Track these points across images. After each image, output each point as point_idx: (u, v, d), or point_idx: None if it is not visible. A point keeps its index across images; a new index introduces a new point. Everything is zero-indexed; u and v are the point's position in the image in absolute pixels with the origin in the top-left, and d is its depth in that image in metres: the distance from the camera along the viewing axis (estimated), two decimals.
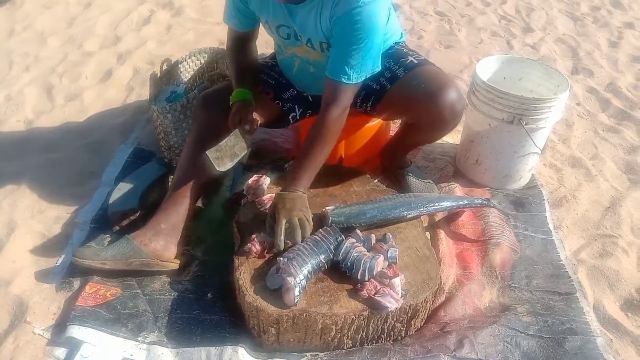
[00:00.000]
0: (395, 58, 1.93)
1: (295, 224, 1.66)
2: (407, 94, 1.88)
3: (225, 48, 2.04)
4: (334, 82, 1.73)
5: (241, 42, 1.99)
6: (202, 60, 2.58)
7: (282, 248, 1.65)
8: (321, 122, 1.76)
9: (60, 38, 3.47)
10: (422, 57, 1.99)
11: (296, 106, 2.06)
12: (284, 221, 1.66)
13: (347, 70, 1.70)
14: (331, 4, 1.66)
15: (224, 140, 1.77)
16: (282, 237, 1.65)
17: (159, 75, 2.38)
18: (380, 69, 1.78)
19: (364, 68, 1.72)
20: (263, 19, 1.86)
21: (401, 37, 2.06)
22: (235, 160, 1.78)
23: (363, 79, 1.75)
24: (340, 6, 1.64)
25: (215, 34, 3.62)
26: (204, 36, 3.61)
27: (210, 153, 1.74)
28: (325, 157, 1.81)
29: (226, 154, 1.76)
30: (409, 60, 1.95)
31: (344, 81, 1.71)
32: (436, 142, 2.54)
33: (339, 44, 1.71)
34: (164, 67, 2.42)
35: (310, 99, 2.08)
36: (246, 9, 1.86)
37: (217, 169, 1.75)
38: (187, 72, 2.53)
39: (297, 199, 1.72)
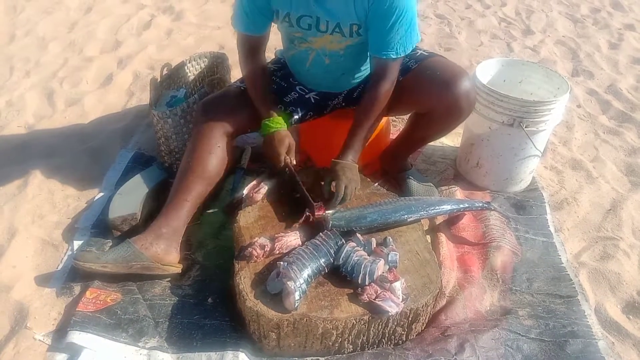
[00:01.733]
0: None
1: (348, 194, 1.83)
2: (421, 84, 1.91)
3: (240, 62, 1.99)
4: (382, 59, 1.82)
5: (255, 51, 1.97)
6: (203, 65, 2.58)
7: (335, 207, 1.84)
8: (373, 96, 1.87)
9: (61, 43, 3.48)
10: (430, 51, 2.03)
11: (298, 109, 2.06)
12: (343, 187, 1.82)
13: (393, 46, 1.78)
14: None
15: (300, 184, 1.87)
16: (338, 201, 1.83)
17: (159, 80, 2.38)
18: (419, 39, 1.86)
19: (409, 40, 1.80)
20: (283, 12, 1.85)
21: None
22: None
23: (409, 50, 1.82)
24: None
25: (216, 39, 3.63)
26: (204, 41, 3.62)
27: (303, 196, 1.84)
28: (375, 127, 1.96)
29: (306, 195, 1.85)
30: (418, 53, 1.99)
31: (392, 57, 1.79)
32: (436, 145, 2.56)
33: (379, 22, 1.76)
34: (164, 71, 2.42)
35: (313, 101, 2.08)
36: (265, 5, 1.85)
37: (314, 211, 1.81)
38: (187, 76, 2.54)
39: (353, 169, 1.88)
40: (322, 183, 1.92)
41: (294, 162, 1.87)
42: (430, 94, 1.89)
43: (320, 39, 1.88)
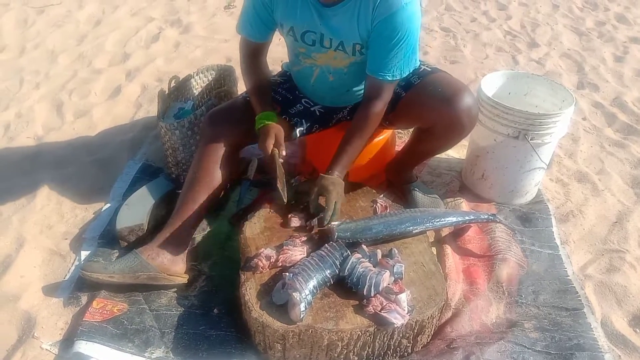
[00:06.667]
0: None
1: (337, 210, 1.83)
2: (423, 100, 1.91)
3: (240, 64, 2.05)
4: (377, 80, 1.82)
5: (255, 55, 2.00)
6: (210, 78, 2.60)
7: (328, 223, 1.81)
8: (364, 115, 1.87)
9: (70, 56, 3.52)
10: (434, 66, 2.04)
11: (303, 120, 2.08)
12: (334, 202, 1.82)
13: (390, 68, 1.78)
14: (371, 7, 1.71)
15: (278, 172, 1.83)
16: (334, 215, 1.82)
17: (167, 92, 2.41)
18: (419, 64, 1.86)
19: (407, 64, 1.80)
20: (287, 26, 1.87)
21: None
22: (287, 188, 1.85)
23: (405, 75, 1.83)
24: (382, 9, 1.69)
25: (223, 51, 3.66)
26: (211, 53, 3.65)
27: (279, 185, 1.81)
28: (363, 146, 1.94)
29: (284, 185, 1.83)
30: (422, 69, 1.99)
31: (388, 79, 1.80)
32: (442, 157, 2.56)
33: (380, 44, 1.77)
34: (172, 84, 2.45)
35: (318, 114, 2.10)
36: (269, 17, 1.87)
37: (285, 201, 1.82)
38: (194, 89, 2.56)
39: (340, 185, 1.87)
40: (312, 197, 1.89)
41: (283, 154, 1.84)
42: (432, 110, 1.90)
43: (324, 55, 1.90)
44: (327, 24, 1.79)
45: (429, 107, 1.90)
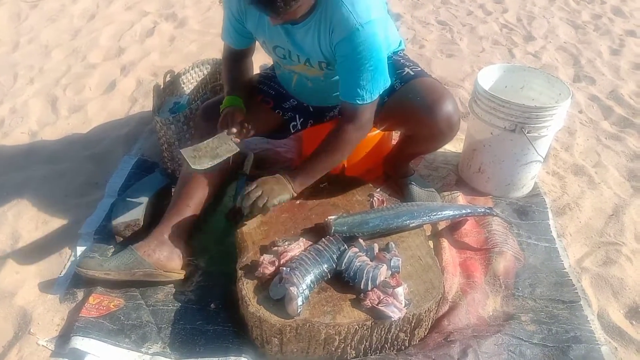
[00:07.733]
0: (392, 70, 1.94)
1: (256, 202, 1.72)
2: (403, 107, 1.90)
3: (222, 64, 2.07)
4: (349, 104, 1.76)
5: (236, 59, 2.01)
6: (205, 72, 2.59)
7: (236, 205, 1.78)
8: (336, 135, 1.80)
9: (64, 50, 3.50)
10: (419, 69, 2.00)
11: (297, 115, 2.07)
12: (254, 186, 1.75)
13: (359, 91, 1.72)
14: (328, 30, 1.67)
15: (205, 142, 1.78)
16: (240, 200, 1.75)
17: (162, 86, 2.40)
18: (390, 82, 1.80)
19: (376, 86, 1.74)
20: (260, 39, 1.88)
21: (400, 45, 2.06)
22: (217, 161, 1.77)
23: (377, 96, 1.76)
24: (338, 32, 1.65)
25: (218, 46, 3.60)
26: (206, 47, 3.63)
27: (185, 152, 1.76)
28: (331, 166, 1.86)
29: (206, 154, 1.77)
30: (405, 72, 1.96)
31: (359, 102, 1.74)
32: (439, 150, 2.55)
33: (345, 67, 1.72)
34: (167, 78, 2.44)
35: (311, 109, 2.09)
36: (243, 29, 1.87)
37: (192, 167, 1.76)
38: (190, 83, 2.55)
39: (284, 189, 1.77)
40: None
41: (233, 131, 1.81)
42: (412, 118, 1.89)
43: (297, 66, 1.89)
44: (293, 41, 1.77)
45: (409, 115, 1.89)
